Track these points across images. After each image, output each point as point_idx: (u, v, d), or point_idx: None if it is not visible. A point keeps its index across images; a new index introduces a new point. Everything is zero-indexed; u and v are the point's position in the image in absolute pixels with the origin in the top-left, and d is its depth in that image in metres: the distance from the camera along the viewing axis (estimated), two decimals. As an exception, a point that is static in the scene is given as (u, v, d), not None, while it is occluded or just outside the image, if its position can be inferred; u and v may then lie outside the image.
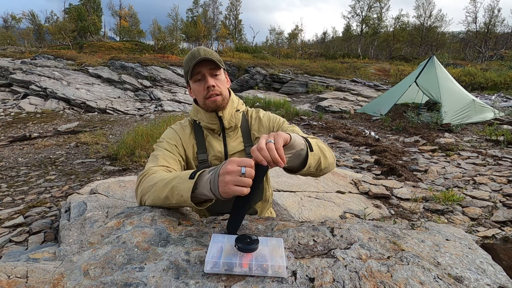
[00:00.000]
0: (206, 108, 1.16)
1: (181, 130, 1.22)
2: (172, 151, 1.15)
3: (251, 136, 1.25)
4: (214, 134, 1.22)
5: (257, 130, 1.24)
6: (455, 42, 35.65)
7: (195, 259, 0.68)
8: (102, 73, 12.85)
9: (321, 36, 45.29)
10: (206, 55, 1.08)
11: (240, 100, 1.28)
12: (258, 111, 1.31)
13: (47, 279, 1.01)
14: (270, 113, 1.30)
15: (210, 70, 1.11)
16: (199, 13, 39.87)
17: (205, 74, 1.11)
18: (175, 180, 0.85)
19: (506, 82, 13.14)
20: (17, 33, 33.97)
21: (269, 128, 1.24)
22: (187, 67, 1.12)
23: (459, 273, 0.66)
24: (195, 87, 1.15)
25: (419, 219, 2.56)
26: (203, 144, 1.20)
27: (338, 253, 0.71)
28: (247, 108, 1.31)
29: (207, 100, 1.13)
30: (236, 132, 1.23)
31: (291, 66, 17.22)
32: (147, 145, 4.70)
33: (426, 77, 7.52)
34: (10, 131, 6.91)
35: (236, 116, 1.22)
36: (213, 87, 1.11)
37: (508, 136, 5.25)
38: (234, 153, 1.21)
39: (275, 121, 1.26)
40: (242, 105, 1.28)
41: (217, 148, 1.19)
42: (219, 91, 1.13)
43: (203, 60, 1.08)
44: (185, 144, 1.19)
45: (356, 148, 5.40)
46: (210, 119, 1.18)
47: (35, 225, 2.49)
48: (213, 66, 1.11)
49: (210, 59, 1.08)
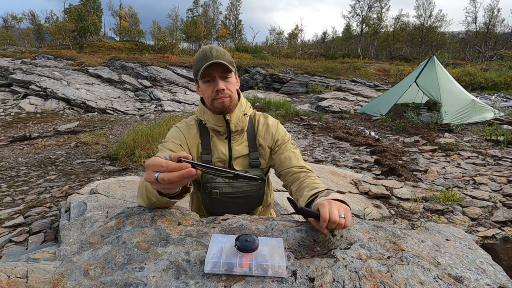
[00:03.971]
0: (213, 109, 1.14)
1: (186, 129, 1.20)
2: (177, 151, 1.13)
3: (256, 141, 1.22)
4: (220, 136, 1.20)
5: (263, 136, 1.22)
6: (455, 42, 35.65)
7: (195, 259, 0.68)
8: (102, 73, 12.84)
9: (321, 36, 45.25)
10: (218, 57, 1.05)
11: (248, 103, 1.25)
12: (266, 117, 1.28)
13: (47, 279, 1.01)
14: (280, 124, 1.27)
15: (221, 73, 1.08)
16: (199, 13, 39.89)
17: (215, 76, 1.08)
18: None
19: (506, 82, 13.14)
20: (17, 33, 33.99)
21: (273, 138, 1.22)
22: (197, 66, 1.09)
23: (459, 273, 0.66)
24: (204, 88, 1.12)
25: (419, 219, 2.56)
26: (208, 145, 1.19)
27: (338, 253, 0.71)
28: (255, 112, 1.29)
29: (215, 101, 1.10)
30: (242, 136, 1.21)
31: (291, 66, 17.22)
32: (147, 145, 4.70)
33: (426, 77, 7.51)
34: (10, 131, 6.91)
35: (243, 120, 1.19)
36: (223, 91, 1.08)
37: (508, 136, 5.25)
38: (238, 157, 1.19)
39: (280, 134, 1.23)
40: (250, 108, 1.26)
41: (221, 150, 1.18)
42: (229, 94, 1.10)
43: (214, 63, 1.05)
44: (189, 144, 1.18)
45: (356, 148, 5.40)
46: (216, 121, 1.16)
47: (35, 225, 2.49)
48: (224, 69, 1.08)
49: (222, 63, 1.05)
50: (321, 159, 4.79)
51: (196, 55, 1.11)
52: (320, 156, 4.91)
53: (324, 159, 4.79)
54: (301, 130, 7.11)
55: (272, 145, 1.22)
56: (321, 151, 5.26)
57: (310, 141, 6.03)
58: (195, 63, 1.10)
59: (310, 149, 5.44)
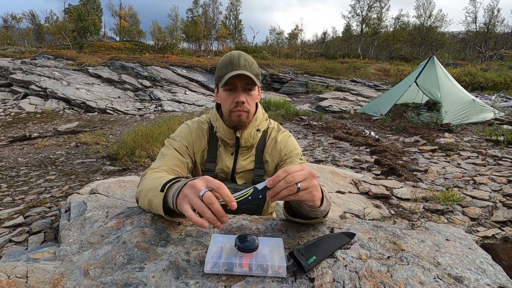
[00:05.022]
0: (228, 122, 1.09)
1: (196, 131, 1.16)
2: (182, 153, 1.10)
3: (263, 157, 1.17)
4: (228, 147, 1.16)
5: (270, 153, 1.16)
6: (455, 42, 35.67)
7: (195, 259, 0.68)
8: (102, 73, 12.84)
9: (321, 36, 45.29)
10: (246, 66, 1.01)
11: (265, 115, 1.19)
12: (277, 131, 1.20)
13: (47, 279, 1.02)
14: (290, 138, 1.19)
15: (245, 84, 1.03)
16: (199, 13, 39.89)
17: (238, 86, 1.03)
18: (150, 192, 0.82)
19: (506, 82, 13.15)
20: (17, 33, 34.00)
21: (280, 154, 1.15)
22: (221, 72, 1.03)
23: (459, 273, 0.66)
24: (224, 96, 1.06)
25: (419, 219, 2.56)
26: (214, 153, 1.15)
27: (338, 253, 0.71)
28: (268, 125, 1.20)
29: (233, 113, 1.05)
30: (251, 151, 1.17)
31: (291, 66, 17.22)
32: (147, 145, 4.70)
33: (426, 77, 7.52)
34: (10, 131, 6.91)
35: (255, 137, 1.14)
36: (243, 104, 1.03)
37: (508, 136, 5.25)
38: (241, 171, 1.16)
39: (288, 149, 1.15)
40: (266, 121, 1.19)
41: (226, 162, 1.15)
42: (248, 108, 1.05)
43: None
44: (196, 148, 1.15)
45: (356, 148, 5.40)
46: (227, 134, 1.12)
47: (35, 225, 2.49)
48: (249, 81, 1.02)
49: (248, 75, 0.99)
50: (321, 159, 4.79)
51: (222, 59, 1.06)
52: (320, 156, 4.91)
53: (324, 159, 4.79)
54: (301, 130, 7.12)
55: (279, 161, 1.16)
56: (321, 151, 5.26)
57: (310, 141, 6.03)
58: (220, 68, 1.05)
59: (310, 149, 5.44)
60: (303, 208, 0.75)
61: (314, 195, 0.67)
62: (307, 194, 0.65)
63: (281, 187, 0.63)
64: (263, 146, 1.17)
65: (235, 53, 1.03)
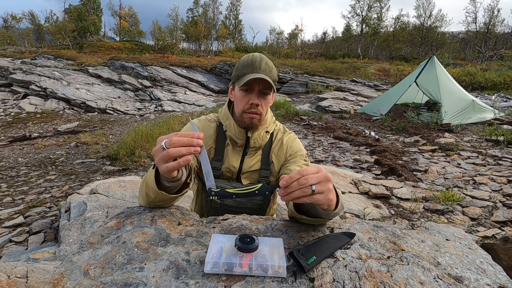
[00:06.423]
0: (239, 122, 1.11)
1: (203, 129, 1.17)
2: None
3: (269, 157, 1.19)
4: (236, 146, 1.17)
5: (276, 153, 1.19)
6: (455, 42, 35.66)
7: (195, 259, 0.68)
8: (102, 73, 12.85)
9: (321, 36, 45.35)
10: (266, 71, 1.03)
11: (273, 118, 1.22)
12: (284, 132, 1.24)
13: (47, 279, 1.02)
14: (296, 140, 1.22)
15: (261, 88, 1.05)
16: (199, 13, 39.89)
17: (255, 88, 1.05)
18: (146, 177, 0.85)
19: (506, 82, 13.15)
20: (17, 33, 33.98)
21: (285, 155, 1.18)
22: (240, 71, 1.05)
23: (459, 273, 0.66)
24: (239, 96, 1.08)
25: (419, 219, 2.56)
26: (221, 151, 1.16)
27: (338, 253, 0.71)
28: (274, 128, 1.23)
29: (245, 114, 1.08)
30: (257, 152, 1.19)
31: (291, 66, 17.22)
32: (147, 145, 4.70)
33: (426, 77, 7.52)
34: (10, 131, 6.91)
35: (264, 138, 1.17)
36: (257, 106, 1.06)
37: (508, 136, 5.25)
38: (247, 172, 1.17)
39: (294, 150, 1.18)
40: (273, 123, 1.22)
41: (232, 161, 1.16)
42: (260, 111, 1.08)
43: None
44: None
45: (356, 148, 5.40)
46: (238, 134, 1.13)
47: (35, 225, 2.49)
48: (267, 86, 1.04)
49: (267, 80, 1.02)
50: (321, 159, 4.79)
51: (243, 58, 1.08)
52: (320, 156, 4.91)
53: (324, 159, 4.79)
54: (301, 130, 7.11)
55: (284, 162, 1.18)
56: (321, 151, 5.26)
57: (310, 141, 6.03)
58: (240, 67, 1.06)
59: (310, 149, 5.44)
60: (316, 208, 0.75)
61: (329, 199, 0.67)
62: (321, 197, 0.65)
63: (294, 188, 0.63)
64: (270, 147, 1.20)
65: (257, 55, 1.05)
